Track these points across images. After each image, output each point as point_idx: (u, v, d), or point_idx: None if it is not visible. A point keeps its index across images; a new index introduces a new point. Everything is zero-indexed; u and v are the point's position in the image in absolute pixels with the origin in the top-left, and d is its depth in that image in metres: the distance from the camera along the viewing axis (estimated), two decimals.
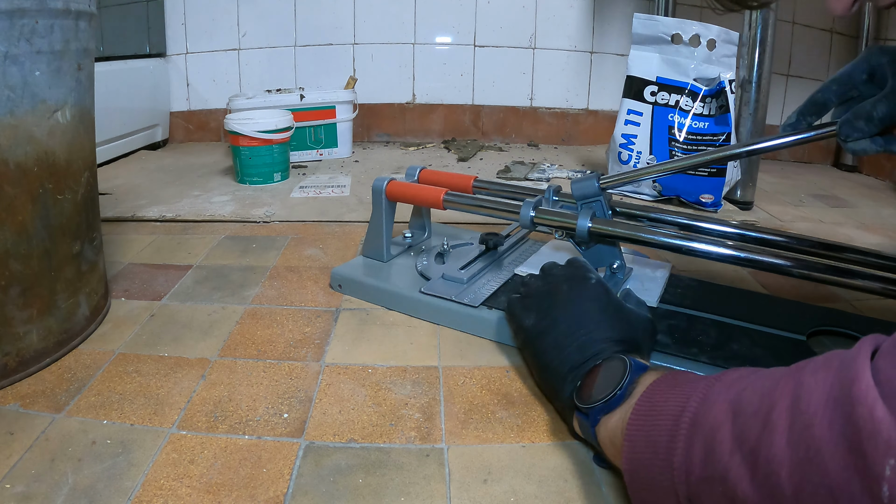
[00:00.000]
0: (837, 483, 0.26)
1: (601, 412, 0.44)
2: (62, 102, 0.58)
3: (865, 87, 0.55)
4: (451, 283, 0.71)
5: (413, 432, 0.51)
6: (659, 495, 0.36)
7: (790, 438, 0.28)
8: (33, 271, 0.57)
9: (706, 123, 1.14)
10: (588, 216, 0.64)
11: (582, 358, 0.49)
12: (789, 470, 0.28)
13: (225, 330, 0.67)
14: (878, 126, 0.51)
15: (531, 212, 0.67)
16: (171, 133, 1.73)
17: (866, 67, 0.55)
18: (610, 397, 0.44)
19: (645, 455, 0.37)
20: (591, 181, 0.68)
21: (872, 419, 0.25)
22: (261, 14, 1.67)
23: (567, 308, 0.53)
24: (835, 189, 1.39)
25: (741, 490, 0.30)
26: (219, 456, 0.48)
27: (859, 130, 0.52)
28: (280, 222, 1.04)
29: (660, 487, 0.36)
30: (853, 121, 0.52)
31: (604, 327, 0.51)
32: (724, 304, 0.67)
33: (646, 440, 0.38)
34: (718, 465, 0.32)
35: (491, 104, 1.76)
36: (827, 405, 0.27)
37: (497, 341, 0.65)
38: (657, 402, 0.39)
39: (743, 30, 1.12)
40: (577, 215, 0.64)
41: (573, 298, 0.54)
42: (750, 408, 0.32)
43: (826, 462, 0.26)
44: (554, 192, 0.73)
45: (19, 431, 0.50)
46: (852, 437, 0.26)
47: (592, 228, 0.64)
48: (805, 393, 0.29)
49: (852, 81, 0.56)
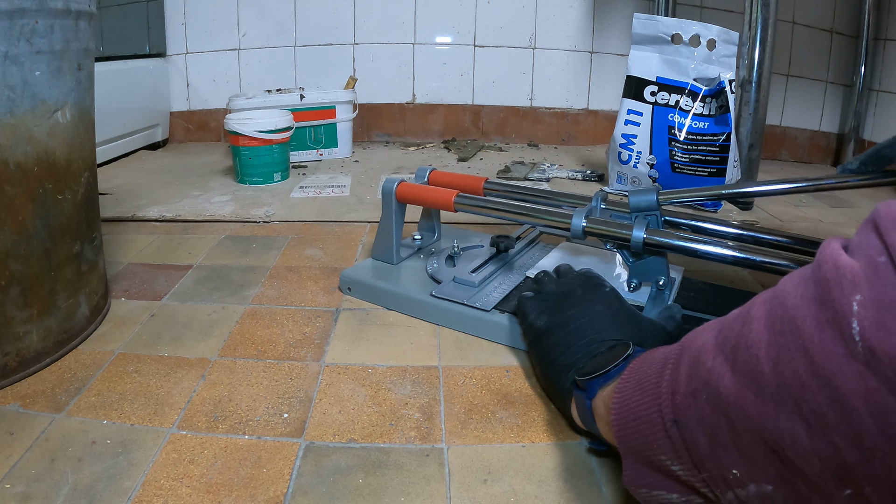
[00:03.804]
0: (811, 340, 0.26)
1: (599, 384, 0.44)
2: (62, 102, 0.58)
3: None
4: (463, 287, 0.70)
5: (413, 432, 0.51)
6: (645, 433, 0.36)
7: (767, 322, 0.29)
8: (33, 271, 0.57)
9: (706, 123, 1.14)
10: (643, 227, 0.62)
11: (588, 355, 0.49)
12: (766, 348, 0.28)
13: (225, 330, 0.67)
14: None
15: (583, 222, 0.64)
16: (171, 133, 1.73)
17: None
18: (610, 368, 0.44)
19: (633, 398, 0.37)
20: (650, 195, 0.66)
21: (837, 267, 0.26)
22: (261, 14, 1.67)
23: (579, 309, 0.54)
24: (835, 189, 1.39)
25: (724, 386, 0.30)
26: (219, 456, 0.48)
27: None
28: (280, 222, 1.04)
29: (646, 423, 0.36)
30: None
31: (614, 330, 0.51)
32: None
33: (635, 385, 0.38)
34: (702, 372, 0.32)
35: (491, 104, 1.76)
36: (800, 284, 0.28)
37: (509, 346, 0.65)
38: (648, 357, 0.40)
39: (743, 30, 1.12)
40: (633, 225, 0.62)
41: (586, 301, 0.54)
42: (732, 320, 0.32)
43: (798, 325, 0.27)
44: (602, 199, 0.70)
45: (19, 431, 0.50)
46: (820, 293, 0.26)
47: (647, 239, 0.62)
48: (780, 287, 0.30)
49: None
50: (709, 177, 1.12)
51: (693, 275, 0.77)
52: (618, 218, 0.68)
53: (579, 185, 1.32)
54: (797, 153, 1.73)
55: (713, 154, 1.12)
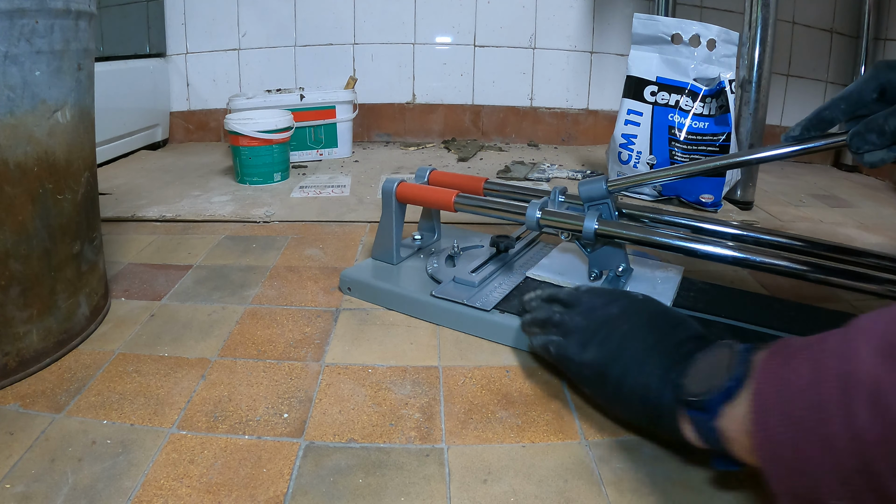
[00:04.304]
0: None
1: (721, 401, 0.40)
2: (62, 102, 0.58)
3: (875, 105, 0.54)
4: (463, 287, 0.70)
5: (413, 432, 0.51)
6: (814, 478, 0.32)
7: None
8: (33, 271, 0.57)
9: (706, 123, 1.14)
10: (594, 218, 0.64)
11: (673, 360, 0.46)
12: None
13: (225, 330, 0.67)
14: (890, 139, 0.50)
15: (537, 213, 0.66)
16: (171, 133, 1.73)
17: (876, 85, 0.53)
18: (730, 382, 0.39)
19: (786, 435, 0.33)
20: (599, 183, 0.68)
21: None
22: (261, 14, 1.67)
23: (630, 325, 0.50)
24: (835, 189, 1.39)
25: None
26: (219, 456, 0.48)
27: (871, 143, 0.51)
28: (280, 222, 1.04)
29: (815, 468, 0.32)
30: (864, 133, 0.51)
31: (681, 328, 0.48)
32: (737, 308, 0.67)
33: (785, 420, 0.33)
34: (892, 415, 0.28)
35: (491, 104, 1.76)
36: None
37: (509, 346, 0.65)
38: (784, 375, 0.35)
39: (743, 30, 1.12)
40: (584, 217, 0.64)
41: (631, 315, 0.51)
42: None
43: None
44: (560, 192, 0.72)
45: (19, 431, 0.50)
46: None
47: (599, 230, 0.64)
48: None
49: (862, 100, 0.54)
50: (708, 177, 1.12)
51: (693, 275, 0.76)
52: (574, 210, 0.69)
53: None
54: None
55: (713, 154, 1.12)
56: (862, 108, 0.55)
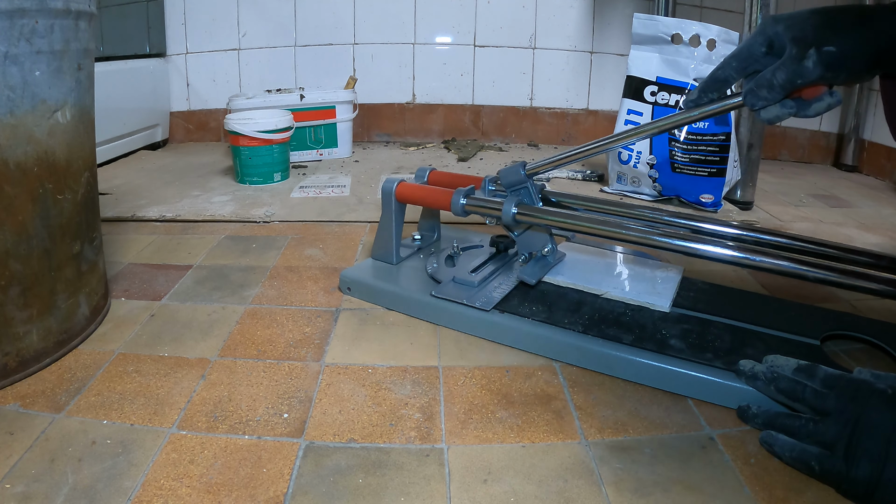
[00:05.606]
0: None
1: None
2: (62, 102, 0.58)
3: (766, 59, 0.54)
4: (462, 287, 0.70)
5: (413, 432, 0.51)
6: None
7: None
8: (33, 271, 0.57)
9: (706, 123, 1.14)
10: (513, 203, 0.67)
11: None
12: None
13: (225, 330, 0.67)
14: (780, 92, 0.51)
15: (462, 199, 0.70)
16: (171, 133, 1.73)
17: (763, 40, 0.53)
18: None
19: None
20: (516, 169, 0.71)
21: None
22: (261, 14, 1.67)
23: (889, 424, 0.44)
24: (835, 189, 1.39)
25: None
26: (219, 456, 0.48)
27: (763, 98, 0.52)
28: (280, 222, 1.04)
29: None
30: (756, 90, 0.52)
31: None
32: (736, 308, 0.67)
33: None
34: None
35: (491, 104, 1.76)
36: None
37: (509, 346, 0.65)
38: None
39: (743, 30, 1.12)
40: (504, 202, 0.67)
41: (883, 410, 0.45)
42: None
43: None
44: (490, 181, 0.76)
45: (19, 431, 0.50)
46: None
47: (518, 215, 0.67)
48: None
49: (752, 56, 0.54)
50: (709, 177, 1.12)
51: (693, 275, 0.77)
52: (499, 197, 0.73)
53: (579, 185, 1.32)
54: (797, 153, 1.73)
55: (713, 154, 1.12)
56: (753, 63, 0.55)
